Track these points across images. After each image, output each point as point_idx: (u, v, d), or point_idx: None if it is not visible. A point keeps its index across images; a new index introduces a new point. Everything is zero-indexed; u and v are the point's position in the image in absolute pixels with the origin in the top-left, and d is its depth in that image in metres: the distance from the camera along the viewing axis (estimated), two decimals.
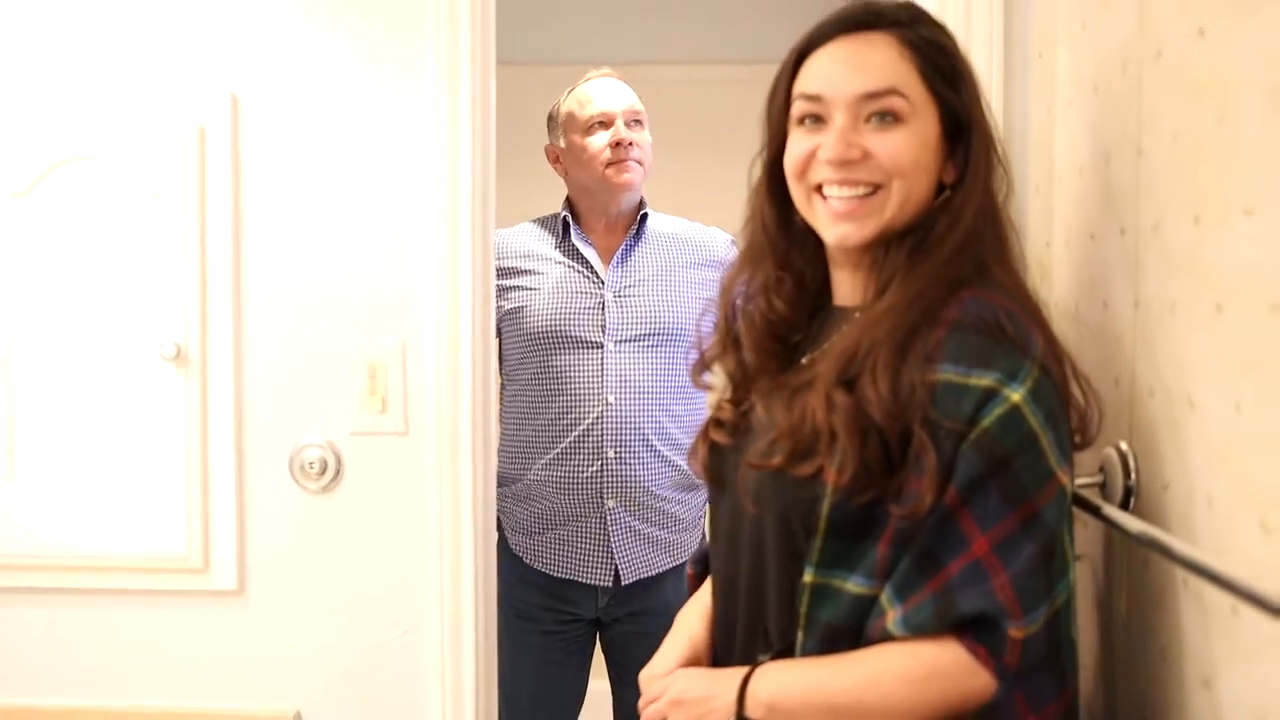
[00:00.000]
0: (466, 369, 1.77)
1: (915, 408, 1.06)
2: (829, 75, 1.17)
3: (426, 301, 1.79)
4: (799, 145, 1.19)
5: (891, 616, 1.06)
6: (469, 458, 1.78)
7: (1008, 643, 1.02)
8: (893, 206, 1.15)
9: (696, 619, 1.32)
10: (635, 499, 2.28)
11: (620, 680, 2.42)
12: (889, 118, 1.14)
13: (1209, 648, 1.06)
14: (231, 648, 1.85)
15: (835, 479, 1.08)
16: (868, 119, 1.15)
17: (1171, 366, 1.13)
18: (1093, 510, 1.21)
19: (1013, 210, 1.26)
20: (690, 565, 1.42)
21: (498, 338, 2.20)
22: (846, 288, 1.23)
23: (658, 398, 2.29)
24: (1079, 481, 1.24)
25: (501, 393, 2.29)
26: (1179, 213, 1.11)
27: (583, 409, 2.26)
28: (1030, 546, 1.03)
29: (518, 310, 2.22)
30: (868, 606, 1.09)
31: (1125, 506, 1.21)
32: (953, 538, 1.05)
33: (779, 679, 1.13)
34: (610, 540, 2.28)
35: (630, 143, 2.28)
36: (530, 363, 2.26)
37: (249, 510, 1.83)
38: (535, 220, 2.37)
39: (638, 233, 2.35)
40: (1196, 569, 1.01)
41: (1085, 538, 1.34)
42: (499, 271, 2.10)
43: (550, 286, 2.29)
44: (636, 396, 2.27)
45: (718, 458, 1.27)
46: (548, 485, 2.28)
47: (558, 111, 2.36)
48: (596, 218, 2.35)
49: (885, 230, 1.16)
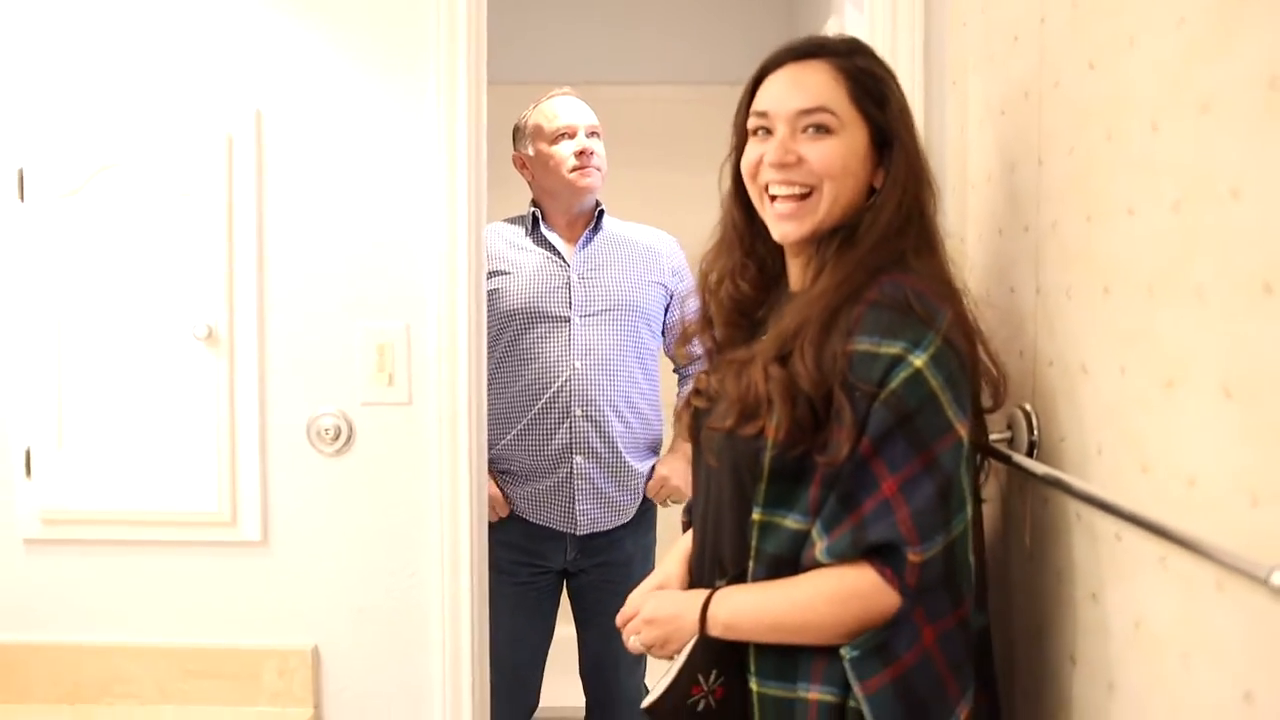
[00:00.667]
0: (463, 347, 1.77)
1: (837, 373, 1.14)
2: (774, 95, 1.26)
3: (428, 289, 1.78)
4: (751, 153, 1.27)
5: (819, 547, 1.15)
6: (465, 424, 1.79)
7: (908, 566, 1.10)
8: (824, 206, 1.23)
9: (675, 558, 1.40)
10: (599, 455, 2.33)
11: (584, 623, 2.48)
12: (821, 130, 1.23)
13: (1097, 569, 1.13)
14: (257, 591, 1.82)
15: (773, 436, 1.17)
16: (804, 130, 1.23)
17: (1068, 340, 1.20)
18: (1004, 459, 1.29)
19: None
20: (683, 514, 1.49)
21: None
22: (796, 274, 1.30)
23: (620, 364, 2.35)
24: (993, 436, 1.33)
25: None
26: (1074, 213, 1.18)
27: (552, 374, 2.31)
28: (930, 487, 1.11)
29: (494, 292, 2.24)
30: (803, 539, 1.17)
31: (1030, 456, 1.28)
32: (867, 480, 1.13)
33: (733, 600, 1.22)
34: (574, 494, 2.34)
35: (591, 152, 2.35)
36: (504, 337, 2.29)
37: (271, 471, 1.80)
38: (505, 220, 2.41)
39: (595, 225, 2.42)
40: (1092, 501, 1.09)
41: (995, 483, 1.43)
42: None
43: (527, 271, 2.34)
44: (600, 362, 2.33)
45: (696, 421, 1.34)
46: (522, 445, 2.33)
47: (525, 124, 2.39)
48: (559, 216, 2.40)
49: (819, 228, 1.24)
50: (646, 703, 1.26)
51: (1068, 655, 1.20)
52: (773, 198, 1.25)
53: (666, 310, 2.46)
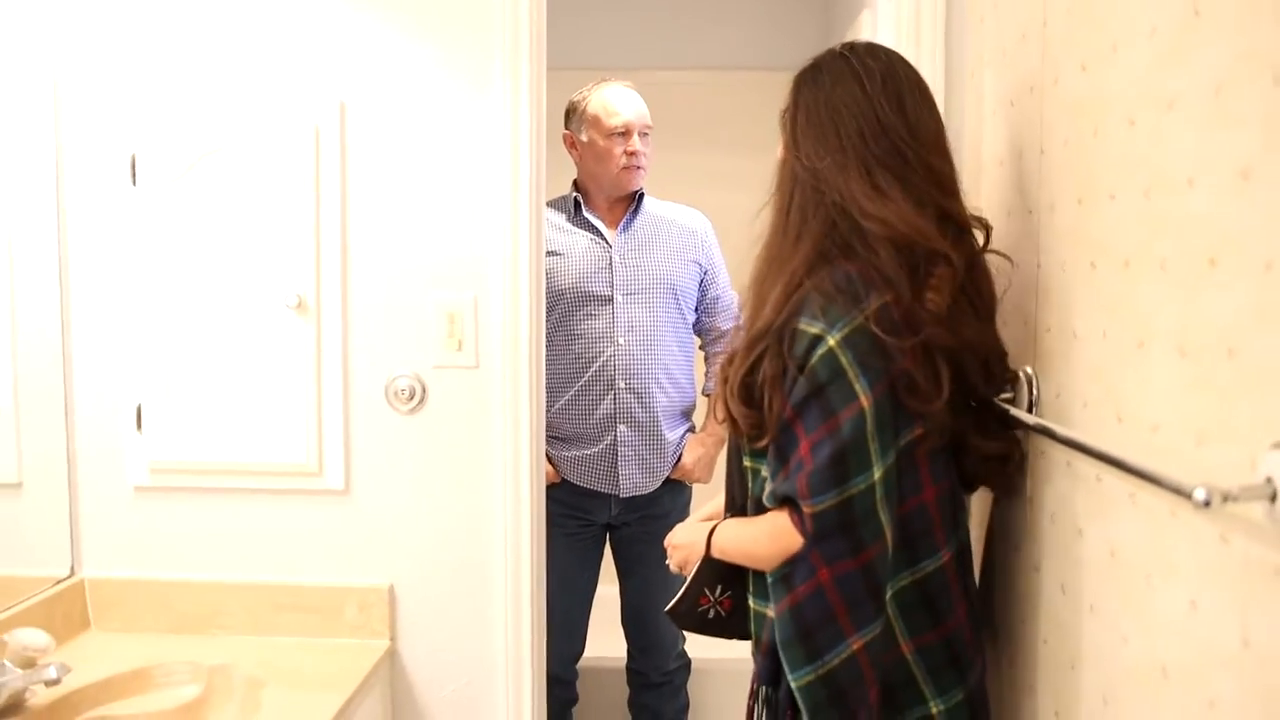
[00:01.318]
0: (525, 316, 1.91)
1: (788, 346, 1.34)
2: None
3: (494, 263, 1.92)
4: None
5: (765, 493, 1.38)
6: (526, 385, 1.93)
7: (805, 515, 1.31)
8: None
9: (719, 499, 1.60)
10: (641, 424, 2.50)
11: (627, 572, 2.67)
12: None
13: (1082, 508, 1.28)
14: (340, 535, 1.98)
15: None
16: None
17: (1062, 309, 1.35)
18: (1007, 414, 1.46)
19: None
20: None
21: None
22: None
23: (659, 338, 2.51)
24: (1002, 396, 1.49)
25: None
26: (1067, 197, 1.32)
27: (597, 349, 2.47)
28: (827, 449, 1.29)
29: (546, 272, 2.41)
30: None
31: (1030, 412, 1.44)
32: (792, 440, 1.34)
33: (723, 531, 1.48)
34: (618, 460, 2.52)
35: (641, 153, 2.50)
36: (554, 314, 2.43)
37: (353, 427, 1.95)
38: (548, 203, 2.54)
39: (635, 209, 2.57)
40: (1076, 446, 1.25)
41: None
42: None
43: (575, 254, 2.51)
44: (642, 338, 2.49)
45: None
46: (570, 414, 2.50)
47: (583, 109, 2.51)
48: (601, 199, 2.55)
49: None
50: (667, 608, 1.54)
51: (1059, 585, 1.36)
52: None
53: (700, 285, 2.62)
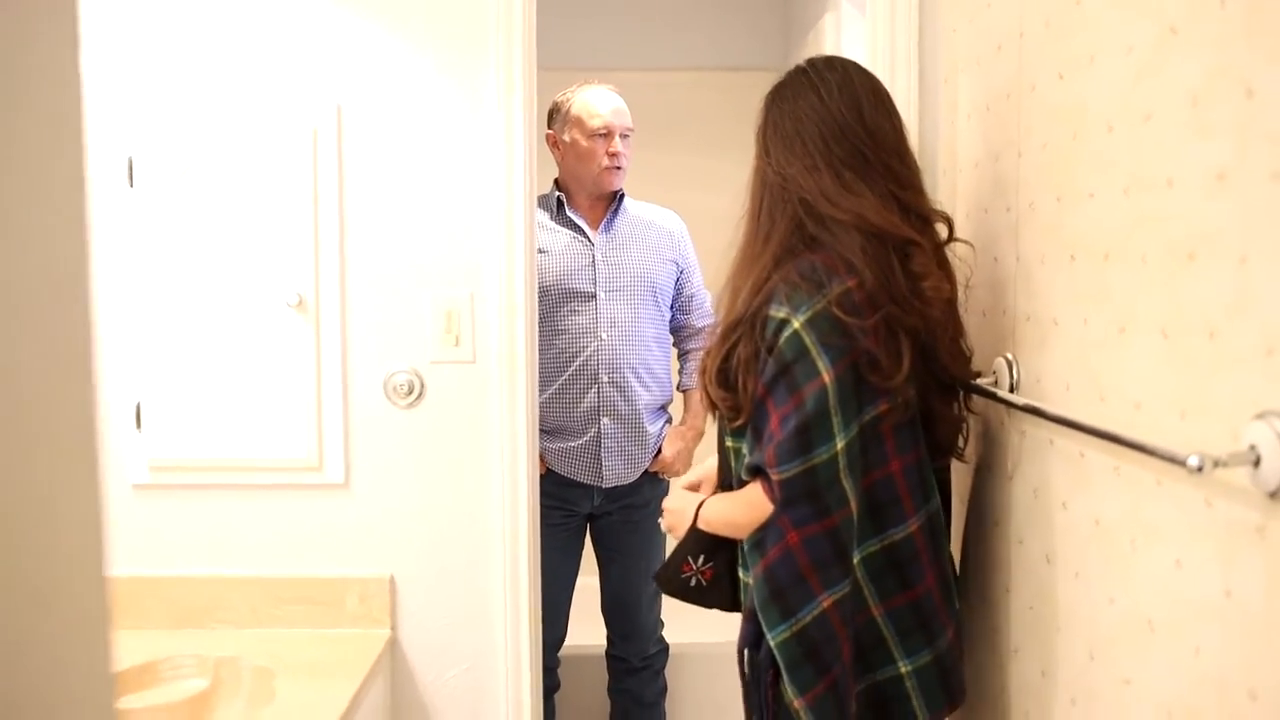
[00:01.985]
0: (520, 313, 1.97)
1: (760, 333, 1.46)
2: None
3: (489, 262, 1.97)
4: None
5: (744, 466, 1.49)
6: (522, 379, 1.98)
7: (773, 483, 1.41)
8: None
9: (711, 462, 1.69)
10: (623, 417, 2.58)
11: (607, 560, 2.74)
12: None
13: (1065, 482, 1.38)
14: (340, 527, 2.01)
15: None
16: None
17: (1042, 299, 1.45)
18: (992, 396, 1.57)
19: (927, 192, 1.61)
20: None
21: None
22: None
23: (639, 334, 2.58)
24: (982, 381, 1.60)
25: None
26: (1047, 195, 1.42)
27: (581, 344, 2.54)
28: (793, 422, 1.40)
29: None
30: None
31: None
32: (764, 416, 1.45)
33: (709, 505, 1.58)
34: (601, 453, 2.60)
35: (622, 154, 2.58)
36: (539, 310, 2.52)
37: (353, 421, 1.99)
38: None
39: (616, 209, 2.64)
40: (1063, 422, 1.35)
41: (979, 424, 1.70)
42: None
43: (557, 251, 2.58)
44: (623, 334, 2.56)
45: None
46: (555, 407, 2.57)
47: (566, 110, 2.57)
48: (583, 198, 2.61)
49: None
50: (655, 573, 1.66)
51: (1044, 555, 1.47)
52: None
53: (676, 284, 2.71)
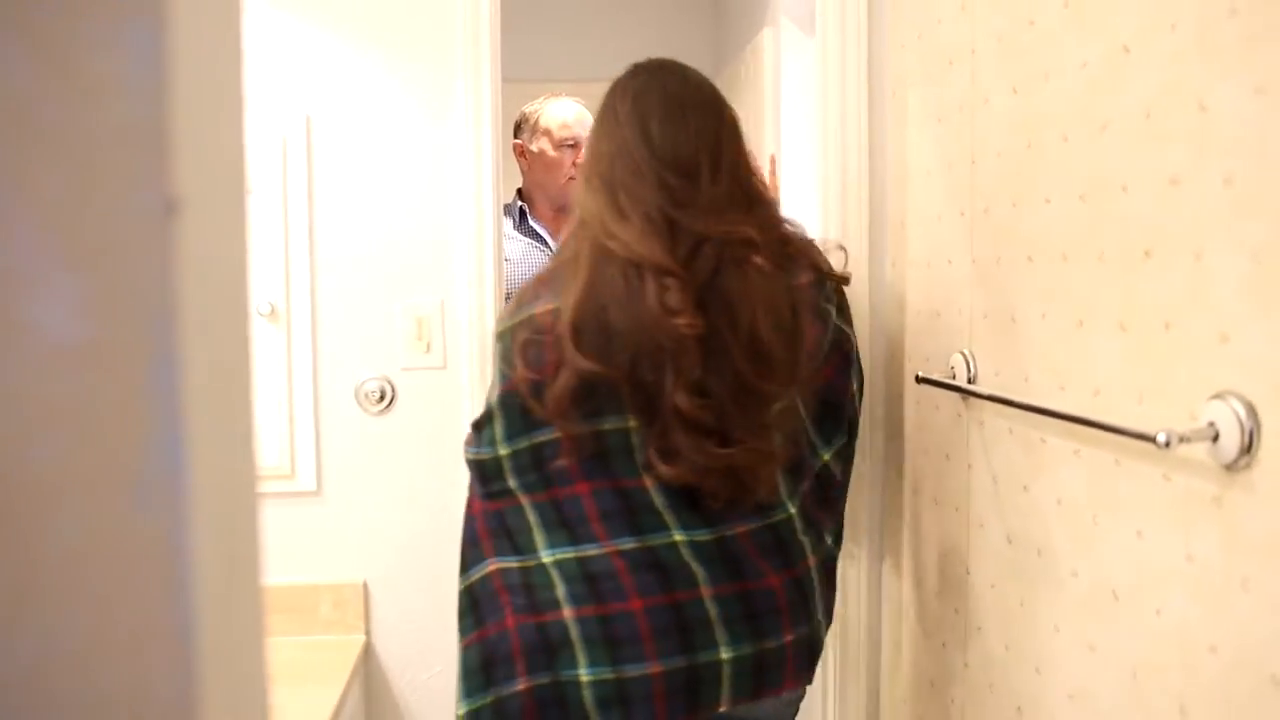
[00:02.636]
0: (490, 318, 2.00)
1: None
2: None
3: (459, 269, 2.00)
4: None
5: None
6: None
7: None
8: None
9: None
10: None
11: None
12: None
13: (1026, 467, 1.48)
14: (313, 535, 2.02)
15: None
16: None
17: (999, 297, 1.55)
18: (955, 389, 1.67)
19: (875, 201, 1.71)
20: None
21: None
22: None
23: None
24: (934, 376, 1.70)
25: None
26: (1002, 201, 1.53)
27: None
28: (479, 414, 1.58)
29: None
30: None
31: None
32: None
33: None
34: None
35: None
36: None
37: (324, 429, 2.01)
38: None
39: None
40: (1028, 409, 1.45)
41: (937, 416, 1.80)
42: None
43: (516, 259, 2.63)
44: None
45: None
46: None
47: (534, 121, 2.62)
48: (546, 206, 2.67)
49: None
50: None
51: (1005, 536, 1.57)
52: None
53: None
